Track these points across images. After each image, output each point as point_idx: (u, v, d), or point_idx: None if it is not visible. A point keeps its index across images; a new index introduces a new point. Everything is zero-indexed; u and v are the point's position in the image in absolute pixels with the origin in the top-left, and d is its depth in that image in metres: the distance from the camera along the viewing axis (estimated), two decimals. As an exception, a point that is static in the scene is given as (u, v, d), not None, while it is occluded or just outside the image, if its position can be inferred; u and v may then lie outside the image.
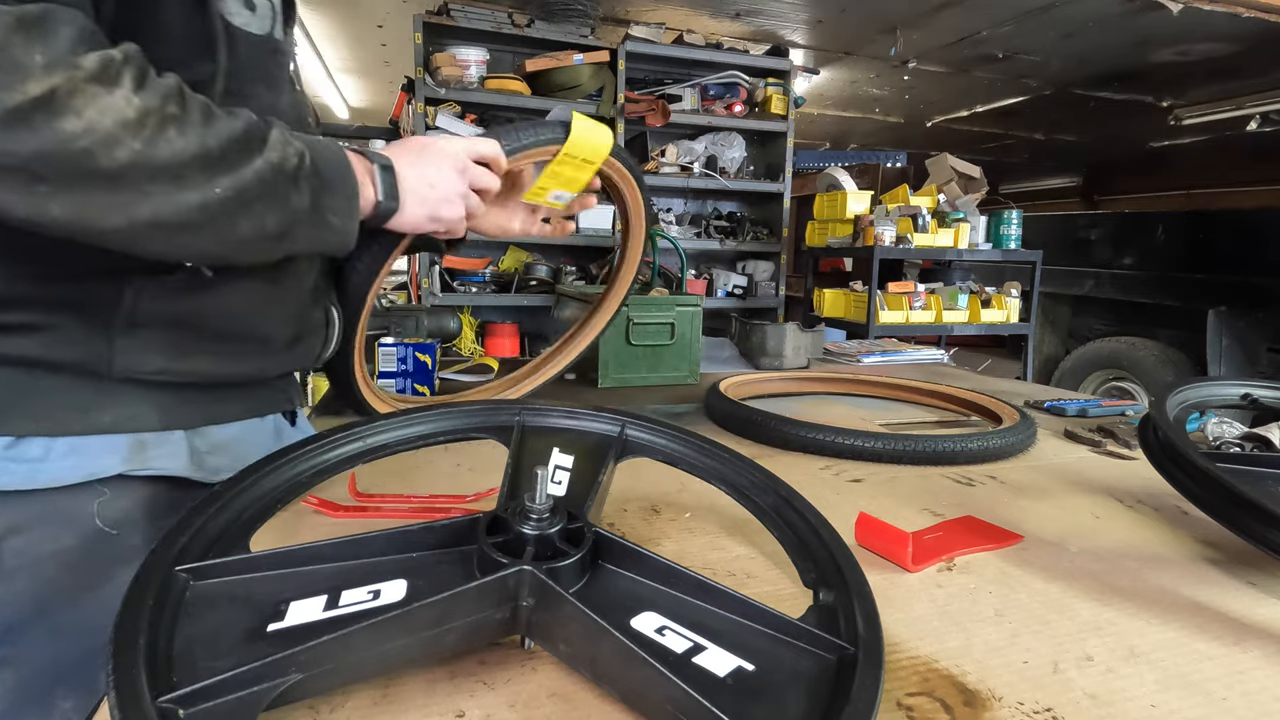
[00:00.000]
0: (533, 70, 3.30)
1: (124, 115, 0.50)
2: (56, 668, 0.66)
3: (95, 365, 0.65)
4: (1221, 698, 0.50)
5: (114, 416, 0.67)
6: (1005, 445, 1.09)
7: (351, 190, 0.68)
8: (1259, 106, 4.91)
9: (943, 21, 3.68)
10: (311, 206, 0.63)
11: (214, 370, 0.72)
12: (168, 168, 0.53)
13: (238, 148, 0.57)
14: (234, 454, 0.76)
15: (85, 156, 0.49)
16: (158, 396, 0.69)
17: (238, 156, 0.57)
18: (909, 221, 3.45)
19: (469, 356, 1.87)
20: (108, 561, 0.67)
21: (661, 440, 0.72)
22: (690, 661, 0.46)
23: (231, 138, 0.57)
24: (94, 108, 0.49)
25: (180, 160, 0.53)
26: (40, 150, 0.47)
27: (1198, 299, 3.87)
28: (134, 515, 0.69)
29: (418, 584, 0.51)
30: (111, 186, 0.51)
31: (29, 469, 0.63)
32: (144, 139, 0.51)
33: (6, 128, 0.46)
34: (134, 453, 0.68)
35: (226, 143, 0.57)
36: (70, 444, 0.65)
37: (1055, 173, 8.00)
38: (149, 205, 0.53)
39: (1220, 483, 0.69)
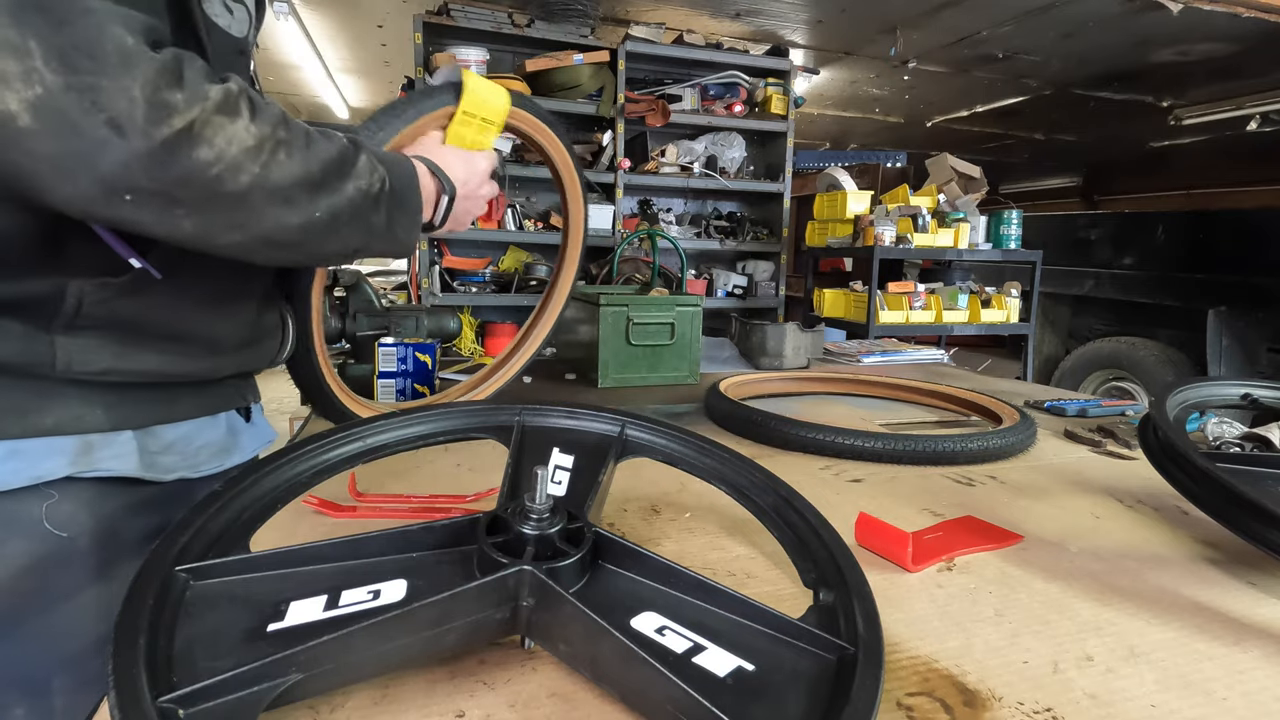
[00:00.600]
0: (533, 70, 3.30)
1: (246, 143, 0.55)
2: (8, 672, 0.65)
3: (36, 366, 0.63)
4: (1221, 698, 0.50)
5: (57, 418, 0.65)
6: (1005, 445, 1.09)
7: (417, 207, 0.73)
8: (1259, 106, 4.91)
9: (943, 21, 3.68)
10: (386, 225, 0.68)
11: (163, 369, 0.71)
12: (279, 190, 0.58)
13: (334, 171, 0.62)
14: (185, 452, 0.75)
15: (216, 182, 0.54)
16: (104, 396, 0.67)
17: (334, 181, 0.62)
18: (909, 221, 3.45)
19: (469, 356, 1.87)
20: (57, 565, 0.66)
21: (661, 440, 0.72)
22: (690, 661, 0.46)
23: (328, 161, 0.61)
24: (222, 137, 0.53)
25: (290, 183, 0.58)
26: (180, 177, 0.52)
27: (1198, 299, 3.87)
28: (82, 517, 0.67)
29: (418, 584, 0.51)
30: (234, 207, 0.56)
31: None
32: (261, 164, 0.56)
33: (156, 159, 0.51)
34: (80, 454, 0.66)
35: (325, 166, 0.61)
36: (10, 447, 0.63)
37: (1055, 173, 7.99)
38: (263, 224, 0.58)
39: (1220, 483, 0.69)
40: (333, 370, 1.02)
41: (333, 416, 1.05)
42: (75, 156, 0.49)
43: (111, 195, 0.51)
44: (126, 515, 0.71)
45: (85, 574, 0.68)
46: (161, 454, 0.73)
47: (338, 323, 1.55)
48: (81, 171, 0.49)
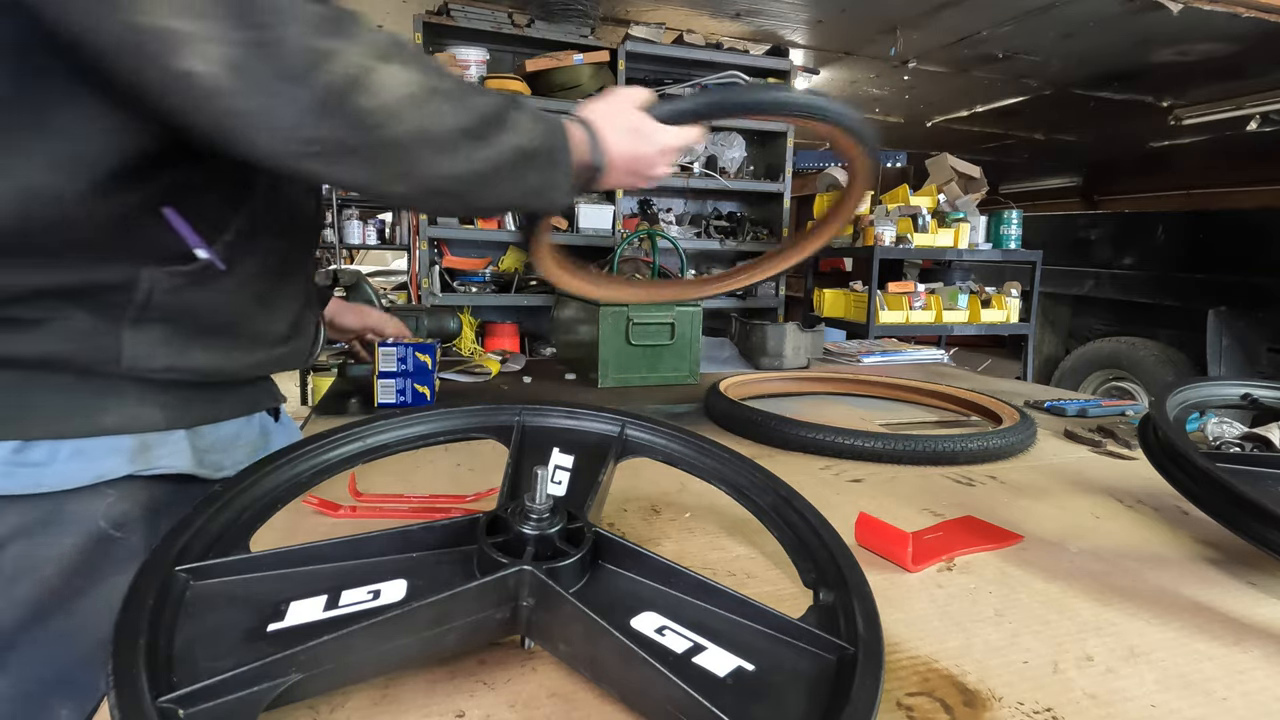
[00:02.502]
0: (533, 70, 3.30)
1: (404, 90, 0.56)
2: (54, 673, 0.66)
3: (101, 363, 0.64)
4: (1221, 698, 0.50)
5: (118, 417, 0.66)
6: (1005, 445, 1.09)
7: (567, 170, 0.71)
8: (1259, 106, 4.90)
9: (943, 21, 3.67)
10: (541, 184, 0.68)
11: (214, 366, 0.71)
12: (440, 139, 0.59)
13: (493, 124, 0.62)
14: (229, 452, 0.77)
15: (380, 129, 0.55)
16: (160, 395, 0.68)
17: (493, 133, 0.62)
18: (909, 221, 3.45)
19: (469, 356, 1.87)
20: (109, 563, 0.67)
21: (661, 440, 0.72)
22: (690, 661, 0.46)
23: (487, 114, 0.62)
24: (386, 86, 0.54)
25: (449, 132, 0.59)
26: (348, 124, 0.53)
27: (1198, 299, 3.87)
28: (135, 515, 0.68)
29: (418, 584, 0.51)
30: (399, 155, 0.57)
31: (34, 473, 0.62)
32: (422, 112, 0.57)
33: (325, 107, 0.52)
34: (138, 453, 0.67)
35: (483, 118, 0.61)
36: (76, 446, 0.64)
37: (1055, 173, 7.99)
38: (426, 172, 0.59)
39: (1220, 483, 0.69)
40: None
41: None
42: (265, 111, 0.51)
43: (296, 145, 0.53)
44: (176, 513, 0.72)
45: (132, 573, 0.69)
46: (208, 453, 0.74)
47: (338, 323, 1.55)
48: (272, 124, 0.51)
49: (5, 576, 0.63)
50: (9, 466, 0.61)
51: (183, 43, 0.47)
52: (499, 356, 1.84)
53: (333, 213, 4.71)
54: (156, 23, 0.46)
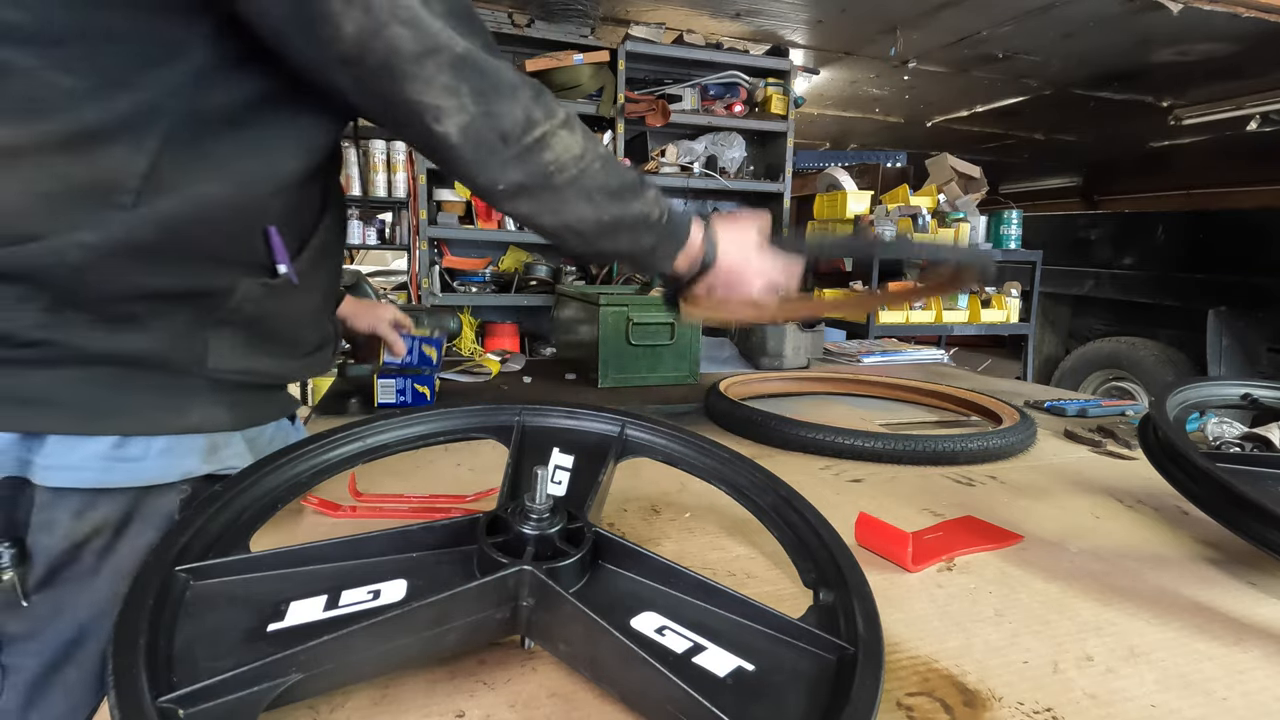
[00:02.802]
0: (533, 70, 3.30)
1: (573, 151, 0.71)
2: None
3: (189, 363, 0.68)
4: (1221, 698, 0.50)
5: (198, 417, 0.70)
6: (1005, 445, 1.09)
7: (679, 244, 0.83)
8: (1259, 106, 4.90)
9: (943, 21, 3.67)
10: (651, 248, 0.81)
11: (271, 370, 0.77)
12: (587, 190, 0.73)
13: (628, 190, 0.76)
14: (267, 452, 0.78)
15: (550, 176, 0.70)
16: (228, 396, 0.72)
17: (627, 196, 0.76)
18: (909, 221, 3.44)
19: (469, 356, 1.87)
20: None
21: (661, 440, 0.72)
22: (690, 661, 0.46)
23: (625, 181, 0.76)
24: (560, 145, 0.70)
25: (595, 187, 0.73)
26: (532, 171, 0.69)
27: (1198, 299, 3.86)
28: None
29: (418, 584, 0.51)
30: (556, 196, 0.72)
31: (131, 468, 0.65)
32: (580, 168, 0.72)
33: (522, 158, 0.68)
34: (210, 452, 0.71)
35: (621, 183, 0.76)
36: (166, 443, 0.67)
37: (1055, 173, 7.99)
38: (570, 213, 0.73)
39: (1220, 483, 0.69)
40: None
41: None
42: (481, 160, 0.67)
43: (495, 187, 0.69)
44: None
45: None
46: (258, 455, 0.76)
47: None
48: (484, 170, 0.68)
49: (86, 570, 0.66)
50: (109, 461, 0.64)
51: (441, 114, 0.64)
52: (499, 356, 1.84)
53: (333, 213, 4.69)
54: (426, 100, 0.63)
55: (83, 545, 0.65)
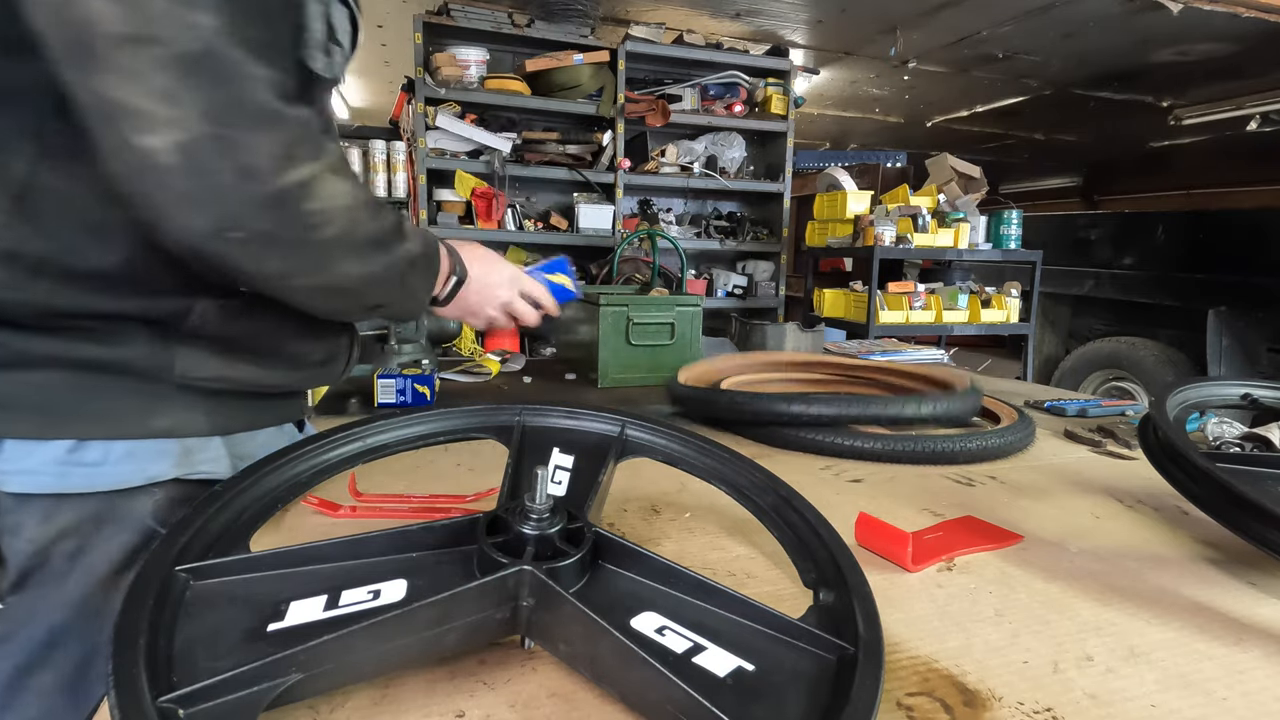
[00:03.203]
0: (533, 70, 3.30)
1: (343, 200, 0.61)
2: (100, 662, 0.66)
3: (157, 369, 0.66)
4: (1221, 698, 0.50)
5: (168, 421, 0.68)
6: (1005, 445, 1.09)
7: (435, 273, 0.78)
8: (1259, 106, 4.90)
9: (943, 21, 3.68)
10: (415, 287, 0.75)
11: (258, 380, 0.75)
12: (356, 244, 0.64)
13: (394, 233, 0.69)
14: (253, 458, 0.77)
15: (312, 229, 0.60)
16: (205, 402, 0.71)
17: (394, 241, 0.69)
18: (909, 221, 3.44)
19: (469, 356, 1.87)
20: None
21: (661, 440, 0.72)
22: (690, 661, 0.46)
23: (392, 225, 0.68)
24: (329, 192, 0.60)
25: (365, 239, 0.65)
26: (288, 221, 0.58)
27: (1198, 299, 3.86)
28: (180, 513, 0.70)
29: (418, 584, 0.51)
30: (318, 253, 0.62)
31: (88, 473, 0.64)
32: (350, 219, 0.62)
33: (274, 204, 0.57)
34: (183, 457, 0.70)
35: (387, 230, 0.67)
36: (128, 448, 0.66)
37: (1055, 173, 7.99)
38: (335, 271, 0.64)
39: (1220, 483, 0.69)
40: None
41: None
42: (202, 194, 0.54)
43: (222, 231, 0.56)
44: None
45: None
46: (242, 459, 0.75)
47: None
48: (204, 207, 0.55)
49: (56, 573, 0.65)
50: (64, 466, 0.63)
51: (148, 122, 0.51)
52: (499, 356, 1.84)
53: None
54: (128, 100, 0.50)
55: (50, 549, 0.65)
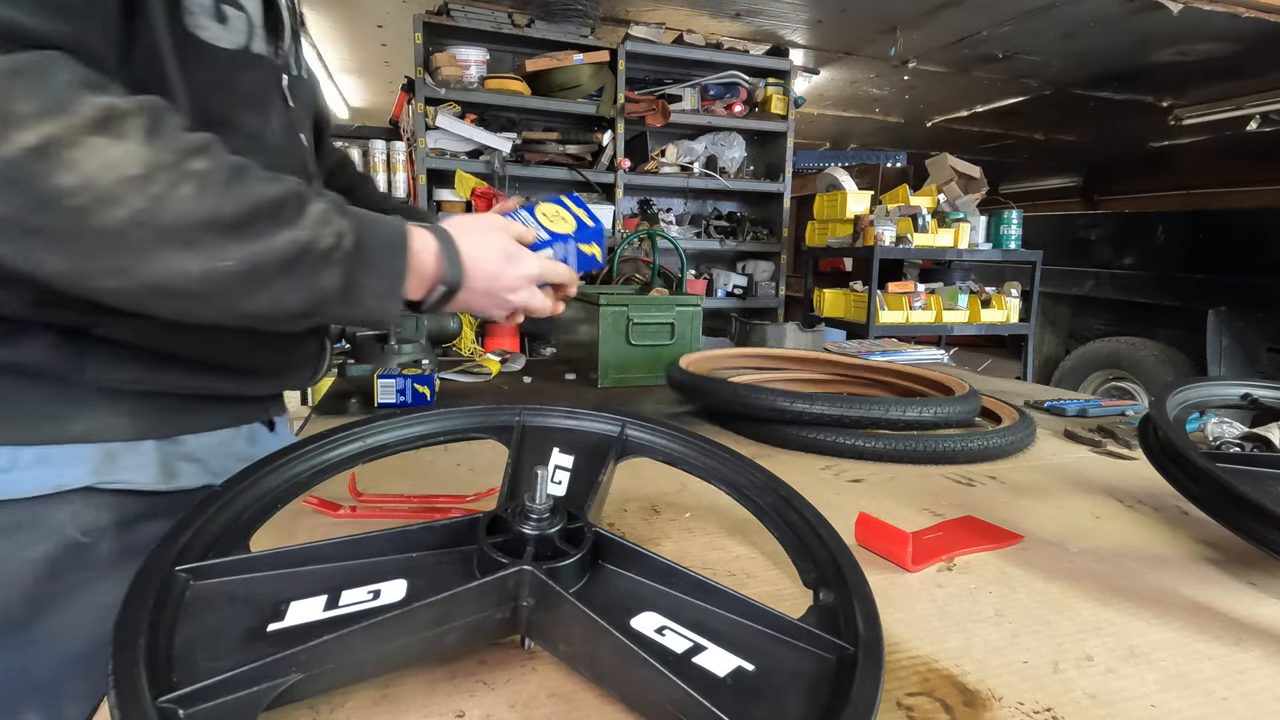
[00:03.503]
0: (533, 70, 3.30)
1: (127, 171, 0.48)
2: (25, 679, 0.64)
3: (67, 372, 0.62)
4: (1221, 698, 0.50)
5: (86, 425, 0.64)
6: (1005, 445, 1.09)
7: (397, 274, 0.63)
8: (1259, 106, 4.91)
9: (943, 21, 3.68)
10: (345, 287, 0.59)
11: (194, 385, 0.70)
12: (175, 231, 0.50)
13: (264, 216, 0.54)
14: (207, 462, 0.74)
15: (82, 213, 0.47)
16: (131, 404, 0.66)
17: (261, 226, 0.54)
18: (909, 221, 3.44)
19: (469, 356, 1.87)
20: (77, 568, 0.65)
21: (661, 440, 0.72)
22: (690, 661, 0.46)
23: (256, 206, 0.53)
24: (92, 161, 0.47)
25: (191, 224, 0.50)
26: (33, 204, 0.46)
27: (1198, 299, 3.87)
28: (105, 520, 0.67)
29: (418, 584, 0.51)
30: (111, 246, 0.49)
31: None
32: (149, 197, 0.49)
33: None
34: (104, 462, 0.65)
35: (249, 209, 0.53)
36: (38, 453, 0.62)
37: (1055, 173, 7.99)
38: (151, 269, 0.50)
39: (1220, 483, 0.69)
40: None
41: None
42: None
43: None
44: (147, 518, 0.70)
45: (104, 577, 0.67)
46: (184, 462, 0.72)
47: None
48: None
49: None
50: None
51: None
52: (499, 356, 1.84)
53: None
54: None
55: None
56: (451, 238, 0.68)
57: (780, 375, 1.60)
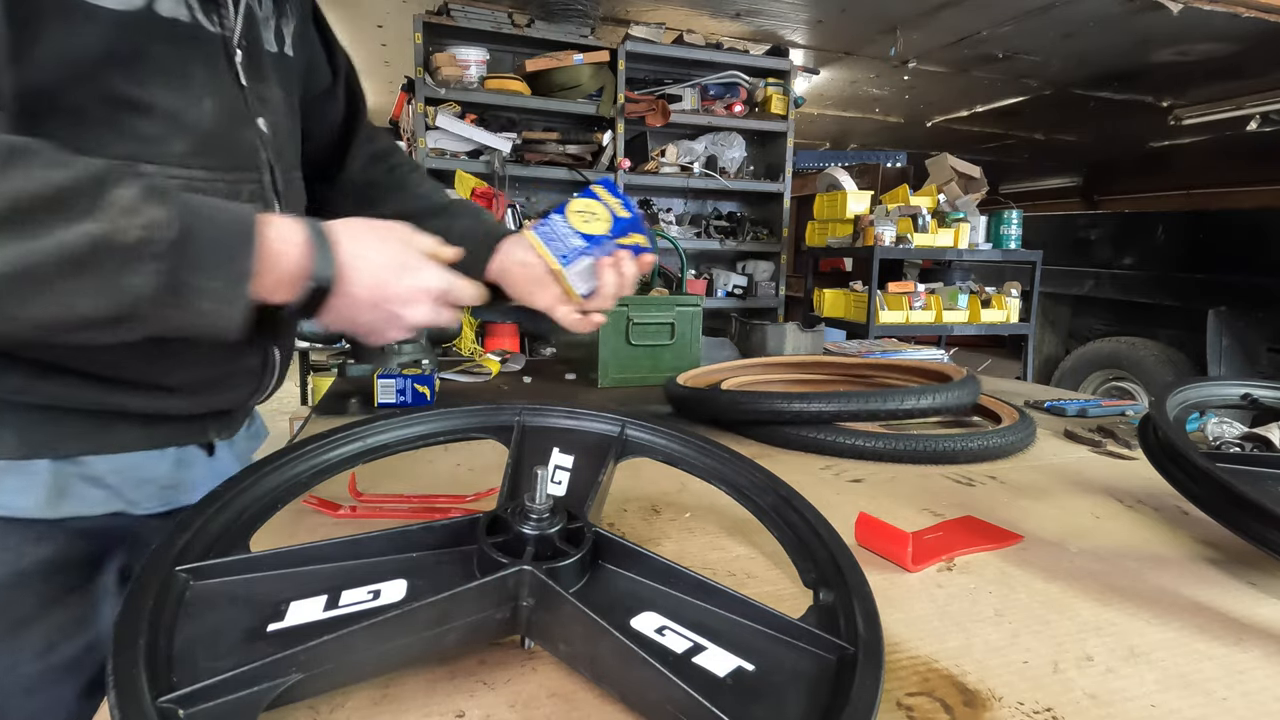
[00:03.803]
0: (533, 70, 3.30)
1: None
2: None
3: None
4: (1221, 698, 0.50)
5: None
6: (1005, 445, 1.09)
7: (241, 271, 0.52)
8: (1259, 106, 4.91)
9: (943, 21, 3.68)
10: (167, 288, 0.49)
11: (90, 399, 0.61)
12: None
13: (41, 209, 0.45)
14: (118, 488, 0.66)
15: None
16: (20, 419, 0.59)
17: (38, 220, 0.45)
18: (909, 221, 3.45)
19: (469, 356, 1.87)
20: None
21: (661, 440, 0.72)
22: (690, 661, 0.46)
23: (29, 196, 0.45)
24: None
25: None
26: None
27: (1198, 299, 3.87)
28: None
29: (418, 584, 0.51)
30: None
31: None
32: None
33: None
34: None
35: (14, 201, 0.45)
36: None
37: (1055, 173, 8.00)
38: None
39: (1220, 483, 0.69)
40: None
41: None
42: None
43: None
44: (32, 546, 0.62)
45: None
46: (87, 485, 0.64)
47: (338, 323, 1.54)
48: None
49: None
50: None
51: None
52: (499, 356, 1.84)
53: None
54: None
55: None
56: (328, 232, 0.58)
57: (778, 378, 1.60)
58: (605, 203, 0.78)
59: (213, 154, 0.57)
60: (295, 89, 0.80)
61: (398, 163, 0.96)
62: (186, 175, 0.61)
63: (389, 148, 0.97)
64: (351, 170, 0.94)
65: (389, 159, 0.96)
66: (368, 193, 0.94)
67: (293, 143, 0.78)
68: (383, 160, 0.95)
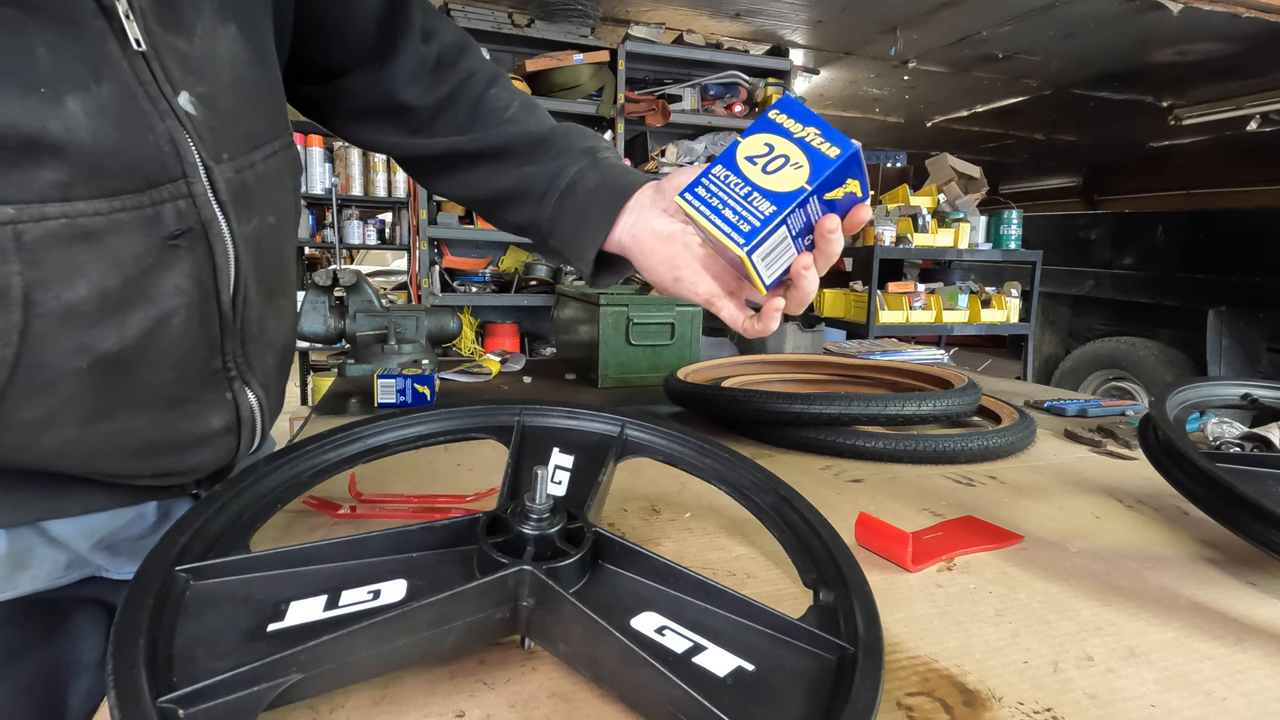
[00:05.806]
0: (533, 70, 3.30)
1: None
2: None
3: None
4: (1221, 698, 0.50)
5: None
6: (1005, 445, 1.09)
7: None
8: (1259, 106, 4.91)
9: (943, 21, 3.68)
10: None
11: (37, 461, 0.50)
12: None
13: None
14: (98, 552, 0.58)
15: None
16: None
17: None
18: (909, 221, 3.45)
19: (469, 356, 1.87)
20: None
21: (661, 440, 0.72)
22: (690, 661, 0.46)
23: None
24: None
25: None
26: None
27: (1198, 299, 3.87)
28: None
29: (418, 584, 0.51)
30: None
31: None
32: None
33: None
34: None
35: None
36: None
37: (1055, 173, 8.00)
38: None
39: (1220, 483, 0.69)
40: None
41: None
42: None
43: None
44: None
45: None
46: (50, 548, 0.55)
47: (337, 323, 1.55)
48: None
49: None
50: None
51: None
52: (499, 356, 1.84)
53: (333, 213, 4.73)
54: None
55: None
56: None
57: (779, 376, 1.60)
58: (795, 137, 0.51)
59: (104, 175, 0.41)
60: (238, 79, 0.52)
61: (472, 70, 0.69)
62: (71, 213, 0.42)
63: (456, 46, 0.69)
64: (403, 91, 0.66)
65: (458, 65, 0.69)
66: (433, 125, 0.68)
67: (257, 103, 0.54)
68: (448, 70, 0.68)
